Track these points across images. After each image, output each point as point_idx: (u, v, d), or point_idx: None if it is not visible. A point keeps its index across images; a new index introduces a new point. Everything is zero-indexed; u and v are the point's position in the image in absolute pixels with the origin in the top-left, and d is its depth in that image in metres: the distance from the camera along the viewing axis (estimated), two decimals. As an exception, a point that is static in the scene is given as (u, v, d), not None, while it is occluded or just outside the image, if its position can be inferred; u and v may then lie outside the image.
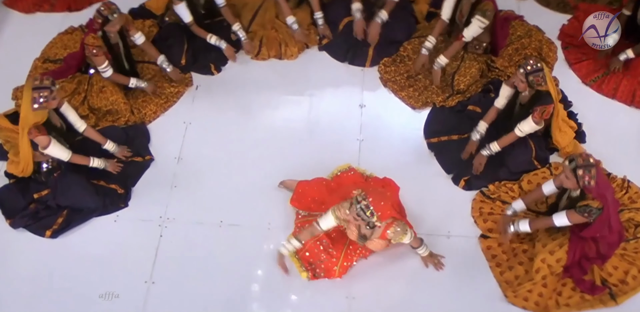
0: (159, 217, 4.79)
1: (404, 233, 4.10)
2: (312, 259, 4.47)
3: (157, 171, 5.07)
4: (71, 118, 4.74)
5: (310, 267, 4.47)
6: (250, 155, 5.14)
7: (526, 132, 4.72)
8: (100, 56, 5.00)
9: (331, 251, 4.43)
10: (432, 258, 4.51)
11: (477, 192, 4.94)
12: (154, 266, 4.54)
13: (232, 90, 5.63)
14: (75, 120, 4.76)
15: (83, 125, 4.80)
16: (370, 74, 5.74)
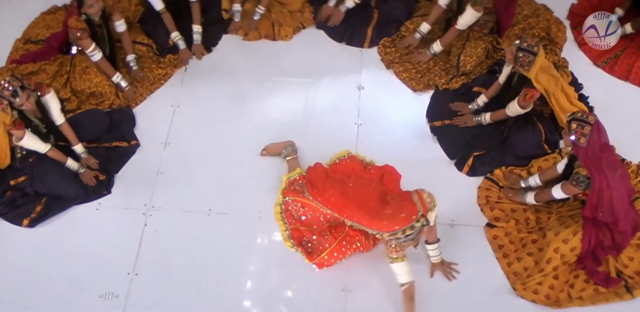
0: (143, 205, 4.51)
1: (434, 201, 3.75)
2: (305, 237, 4.22)
3: (143, 156, 4.79)
4: (53, 109, 4.42)
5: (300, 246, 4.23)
6: (241, 140, 4.86)
7: (513, 113, 4.54)
8: (85, 39, 4.70)
9: (326, 237, 4.18)
10: (443, 266, 4.23)
11: (483, 179, 4.66)
12: (138, 257, 4.27)
13: (222, 72, 5.34)
14: (56, 112, 4.45)
15: (61, 119, 4.47)
16: (369, 55, 5.45)
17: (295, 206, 4.30)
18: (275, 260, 4.28)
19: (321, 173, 4.32)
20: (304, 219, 4.28)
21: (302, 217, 4.28)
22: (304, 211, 4.25)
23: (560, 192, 4.11)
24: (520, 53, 4.29)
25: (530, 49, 4.28)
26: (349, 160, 4.60)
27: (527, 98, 4.32)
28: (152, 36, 5.38)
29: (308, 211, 4.23)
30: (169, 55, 5.34)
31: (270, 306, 4.11)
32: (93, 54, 4.77)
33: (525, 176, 4.62)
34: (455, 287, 4.16)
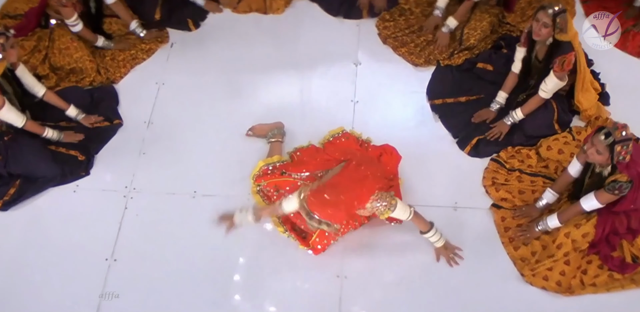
0: (124, 187, 4.23)
1: (388, 208, 3.48)
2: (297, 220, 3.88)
3: (124, 136, 4.51)
4: (28, 82, 4.18)
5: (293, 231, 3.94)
6: (230, 119, 4.57)
7: (551, 91, 4.19)
8: (69, 7, 4.43)
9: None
10: (446, 251, 3.93)
11: (490, 160, 4.36)
12: (117, 242, 3.98)
13: (211, 48, 5.06)
14: (33, 84, 4.21)
15: (42, 90, 4.24)
16: (367, 30, 5.16)
17: (269, 192, 4.03)
18: (265, 245, 3.98)
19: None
20: None
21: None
22: (279, 194, 3.96)
23: (595, 202, 3.69)
24: (558, 18, 3.94)
25: (562, 10, 3.95)
26: (342, 138, 4.30)
27: (566, 65, 4.01)
28: (137, 10, 5.09)
29: (284, 193, 3.93)
30: (155, 31, 5.06)
31: (260, 294, 3.82)
32: (75, 24, 4.51)
33: (534, 156, 4.34)
34: (459, 272, 3.86)
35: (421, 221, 3.72)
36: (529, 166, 4.31)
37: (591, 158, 3.59)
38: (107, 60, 4.85)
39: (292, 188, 3.91)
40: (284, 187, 3.96)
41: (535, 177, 4.24)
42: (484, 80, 4.67)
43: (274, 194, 4.00)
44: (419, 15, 5.17)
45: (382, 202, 3.45)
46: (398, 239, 3.99)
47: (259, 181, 4.02)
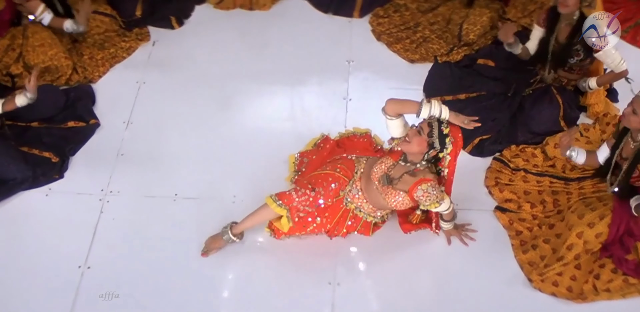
0: (100, 190, 3.99)
1: (437, 201, 3.32)
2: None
3: (102, 136, 4.28)
4: None
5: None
6: (214, 119, 4.38)
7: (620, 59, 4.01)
8: (33, 0, 4.24)
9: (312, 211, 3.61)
10: (456, 231, 3.74)
11: (492, 160, 4.16)
12: (91, 248, 3.71)
13: (194, 46, 4.88)
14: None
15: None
16: (360, 26, 5.00)
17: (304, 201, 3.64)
18: (252, 250, 3.73)
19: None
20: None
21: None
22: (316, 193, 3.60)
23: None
24: None
25: None
26: (363, 138, 4.14)
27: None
28: (116, 8, 4.93)
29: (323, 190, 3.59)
30: (136, 29, 4.89)
31: (247, 301, 3.54)
32: (43, 17, 4.31)
33: (540, 155, 4.12)
34: (459, 278, 3.62)
35: (450, 214, 3.58)
36: (535, 166, 4.10)
37: (626, 121, 3.39)
38: (84, 58, 4.66)
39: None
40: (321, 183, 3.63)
41: (541, 177, 4.02)
42: (485, 76, 4.47)
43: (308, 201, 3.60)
44: (414, 11, 5.01)
45: (435, 191, 3.29)
46: (394, 244, 3.75)
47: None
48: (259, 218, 3.60)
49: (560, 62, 4.07)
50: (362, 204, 3.61)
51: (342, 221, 3.68)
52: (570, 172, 4.02)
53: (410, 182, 3.31)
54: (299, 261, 3.69)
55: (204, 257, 3.61)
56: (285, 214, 3.50)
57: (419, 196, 3.29)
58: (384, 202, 3.48)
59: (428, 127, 3.17)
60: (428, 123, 3.18)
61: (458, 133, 3.23)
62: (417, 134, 3.20)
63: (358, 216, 3.67)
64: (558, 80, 4.26)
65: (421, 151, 3.24)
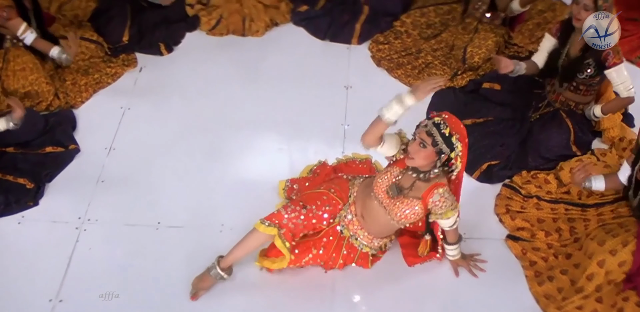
0: (77, 218, 3.75)
1: (452, 208, 3.13)
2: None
3: (81, 162, 4.08)
4: None
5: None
6: (201, 146, 4.19)
7: (628, 83, 3.83)
8: (14, 19, 4.12)
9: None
10: (464, 261, 3.50)
11: (502, 186, 3.94)
12: (64, 280, 3.45)
13: (184, 72, 4.74)
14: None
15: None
16: (359, 52, 4.88)
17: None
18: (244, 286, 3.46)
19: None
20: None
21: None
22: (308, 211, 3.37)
23: None
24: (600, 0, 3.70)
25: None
26: (362, 164, 3.96)
27: (621, 54, 3.80)
28: (103, 33, 4.83)
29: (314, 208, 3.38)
30: (122, 55, 4.77)
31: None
32: (25, 36, 4.17)
33: (554, 181, 3.91)
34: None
35: (456, 232, 3.35)
36: (548, 192, 3.87)
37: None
38: (67, 84, 4.50)
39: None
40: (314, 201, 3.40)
41: (556, 205, 3.79)
42: (492, 101, 4.31)
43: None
44: (416, 37, 4.89)
45: (451, 196, 3.13)
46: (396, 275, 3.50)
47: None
48: (248, 246, 3.33)
49: (569, 75, 3.90)
50: (357, 231, 3.38)
51: (338, 250, 3.43)
52: (587, 198, 3.79)
53: (424, 187, 3.10)
54: (294, 296, 3.42)
55: (194, 300, 3.34)
56: (277, 233, 3.21)
57: (435, 201, 3.08)
58: (385, 220, 3.25)
59: (429, 137, 2.95)
60: (426, 132, 2.96)
61: (459, 125, 3.01)
62: (420, 147, 3.00)
63: (354, 246, 3.44)
64: (566, 103, 4.09)
65: (431, 162, 3.04)
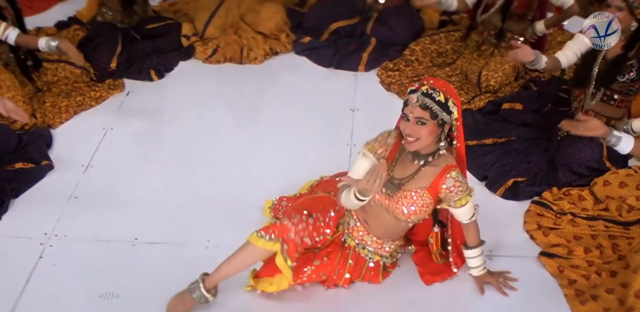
0: (43, 233, 3.38)
1: (468, 192, 2.77)
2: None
3: (55, 179, 3.78)
4: None
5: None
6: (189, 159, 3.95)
7: None
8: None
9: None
10: (492, 277, 3.09)
11: (531, 203, 3.59)
12: (20, 297, 3.05)
13: (174, 96, 4.54)
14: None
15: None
16: (366, 78, 4.67)
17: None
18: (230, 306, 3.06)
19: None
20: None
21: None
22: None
23: None
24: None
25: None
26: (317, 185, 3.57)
27: None
28: (90, 59, 4.64)
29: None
30: (109, 80, 4.55)
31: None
32: (7, 34, 3.94)
33: (589, 197, 3.55)
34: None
35: (478, 230, 2.98)
36: (584, 209, 3.50)
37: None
38: (46, 106, 4.26)
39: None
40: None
41: (594, 221, 3.42)
42: (514, 123, 4.03)
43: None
44: (428, 64, 4.68)
45: (464, 183, 2.76)
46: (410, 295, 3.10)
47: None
48: (242, 263, 2.91)
49: (608, 79, 3.61)
50: (364, 237, 3.00)
51: (344, 262, 3.03)
52: (628, 214, 3.41)
53: (433, 174, 2.71)
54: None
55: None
56: (280, 249, 2.80)
57: (449, 187, 2.70)
58: (390, 221, 2.89)
59: (426, 111, 2.56)
60: (420, 107, 2.56)
61: (447, 85, 2.65)
62: (419, 125, 2.60)
63: (361, 256, 3.05)
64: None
65: (435, 137, 2.68)
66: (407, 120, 2.60)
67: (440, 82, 2.63)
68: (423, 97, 2.56)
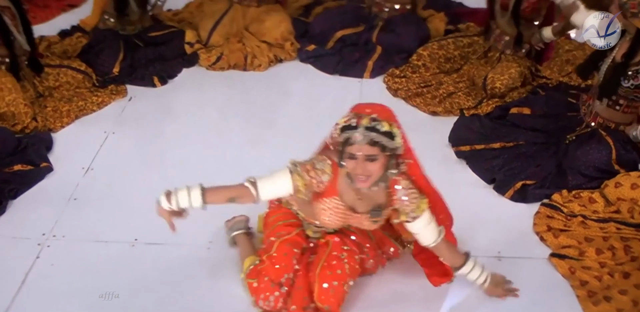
0: (41, 234, 3.34)
1: (421, 200, 2.61)
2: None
3: (54, 181, 3.76)
4: None
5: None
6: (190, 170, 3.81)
7: None
8: None
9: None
10: (496, 288, 2.96)
11: (540, 205, 3.53)
12: (16, 297, 3.00)
13: (177, 101, 4.52)
14: None
15: None
16: (372, 84, 4.64)
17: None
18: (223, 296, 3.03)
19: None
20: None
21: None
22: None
23: None
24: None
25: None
26: None
27: None
28: (93, 64, 4.63)
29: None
30: (111, 86, 4.53)
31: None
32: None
33: (600, 199, 3.48)
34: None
35: (453, 249, 2.83)
36: (595, 212, 3.43)
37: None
38: (47, 110, 4.24)
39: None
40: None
41: (605, 224, 3.35)
42: (522, 127, 3.98)
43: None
44: (435, 71, 4.64)
45: (415, 190, 2.61)
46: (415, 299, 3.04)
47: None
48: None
49: (612, 85, 3.58)
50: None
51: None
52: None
53: (383, 193, 2.65)
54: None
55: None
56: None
57: (401, 199, 2.59)
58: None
59: (374, 147, 2.41)
60: (368, 144, 2.40)
61: (383, 107, 2.51)
62: (370, 162, 2.46)
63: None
64: (604, 125, 3.75)
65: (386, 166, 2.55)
66: (354, 159, 2.46)
67: (375, 106, 2.49)
68: (368, 133, 2.38)
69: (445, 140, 4.02)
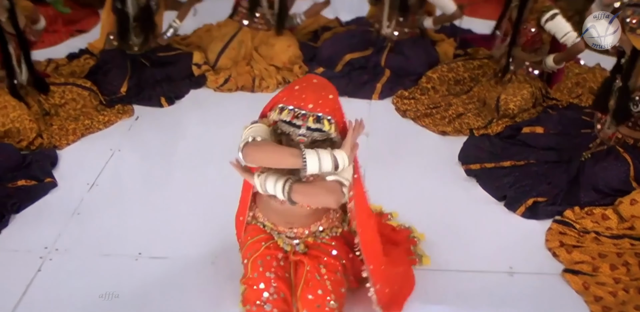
0: (43, 247, 3.29)
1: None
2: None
3: (58, 196, 3.72)
4: None
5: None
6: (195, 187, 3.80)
7: None
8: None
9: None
10: (347, 147, 2.55)
11: (552, 222, 3.47)
12: (16, 309, 2.93)
13: (184, 122, 4.54)
14: None
15: None
16: (380, 105, 4.65)
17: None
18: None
19: None
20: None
21: None
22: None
23: None
24: (629, 10, 3.33)
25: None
26: None
27: None
28: (100, 84, 4.63)
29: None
30: (118, 105, 4.53)
31: None
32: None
33: (614, 216, 3.43)
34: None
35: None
36: (608, 228, 3.38)
37: None
38: (53, 128, 4.23)
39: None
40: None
41: (619, 240, 3.30)
42: (532, 146, 3.96)
43: None
44: (445, 93, 4.65)
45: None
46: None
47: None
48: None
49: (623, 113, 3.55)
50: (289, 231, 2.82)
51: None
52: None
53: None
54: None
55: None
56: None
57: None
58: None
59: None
60: (312, 142, 2.46)
61: (331, 102, 2.51)
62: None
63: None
64: (622, 141, 3.72)
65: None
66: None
67: (318, 95, 2.46)
68: (311, 133, 2.41)
69: (454, 158, 4.00)
